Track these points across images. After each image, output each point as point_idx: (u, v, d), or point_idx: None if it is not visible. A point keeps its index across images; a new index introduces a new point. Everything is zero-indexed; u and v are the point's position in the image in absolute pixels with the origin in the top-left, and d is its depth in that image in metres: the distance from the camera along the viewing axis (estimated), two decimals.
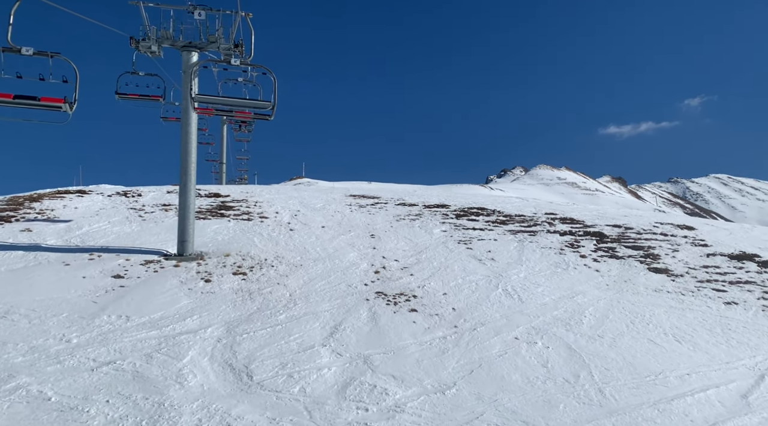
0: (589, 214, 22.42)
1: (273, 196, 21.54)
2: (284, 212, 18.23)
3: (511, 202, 25.39)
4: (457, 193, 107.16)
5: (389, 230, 16.73)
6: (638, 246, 16.63)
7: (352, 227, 16.83)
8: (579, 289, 12.37)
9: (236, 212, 17.62)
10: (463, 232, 17.07)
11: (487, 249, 15.22)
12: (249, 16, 11.43)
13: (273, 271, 12.07)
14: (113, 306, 9.48)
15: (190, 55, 12.24)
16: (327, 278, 11.87)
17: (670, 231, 19.54)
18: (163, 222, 15.77)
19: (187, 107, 12.36)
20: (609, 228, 19.09)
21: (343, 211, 19.27)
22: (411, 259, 13.89)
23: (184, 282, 10.97)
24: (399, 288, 11.61)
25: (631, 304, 11.59)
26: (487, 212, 20.66)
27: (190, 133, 12.40)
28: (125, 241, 13.54)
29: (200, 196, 20.39)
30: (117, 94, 13.57)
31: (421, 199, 23.47)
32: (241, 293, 10.67)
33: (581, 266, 14.22)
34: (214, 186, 25.85)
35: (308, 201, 20.98)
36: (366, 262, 13.25)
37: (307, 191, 24.33)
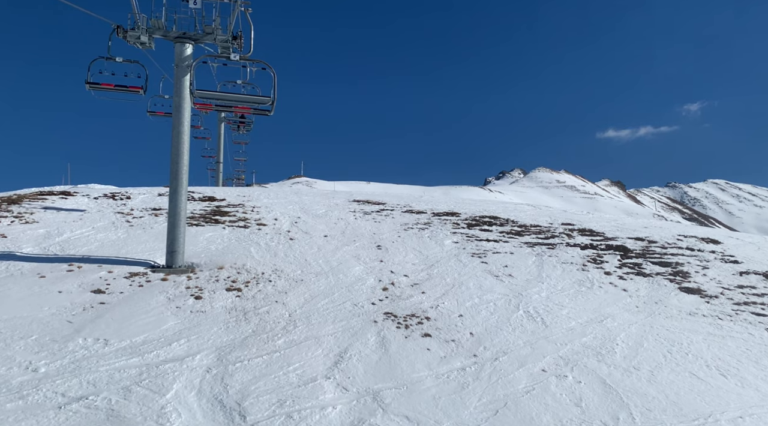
0: (608, 225, 21.60)
1: (272, 200, 20.71)
2: (284, 219, 17.41)
3: (524, 210, 24.56)
4: (459, 196, 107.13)
5: (397, 241, 15.90)
6: (665, 262, 15.80)
7: (357, 237, 16.00)
8: (607, 312, 11.54)
9: (232, 218, 16.79)
10: (477, 243, 16.24)
11: (503, 263, 14.38)
12: (248, 11, 10.91)
13: (271, 287, 11.24)
14: (90, 327, 8.65)
15: (183, 47, 11.44)
16: (330, 296, 11.04)
17: (695, 245, 18.71)
18: (152, 228, 14.94)
19: (179, 105, 11.56)
20: (632, 241, 18.26)
21: (346, 218, 18.45)
22: (422, 274, 13.06)
23: (171, 299, 10.14)
24: (410, 308, 10.78)
25: (665, 330, 10.77)
26: (501, 222, 19.84)
27: (183, 133, 11.59)
28: (109, 250, 12.71)
29: (193, 199, 19.58)
30: (87, 83, 12.59)
31: (428, 206, 22.65)
32: (235, 313, 9.84)
33: (607, 285, 13.39)
34: (209, 188, 25.03)
35: (309, 206, 20.17)
36: (373, 278, 12.42)
37: (308, 195, 23.50)
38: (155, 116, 21.05)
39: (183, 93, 11.55)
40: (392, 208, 21.24)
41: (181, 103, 11.53)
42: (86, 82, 12.56)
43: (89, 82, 12.58)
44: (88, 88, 12.66)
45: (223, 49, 12.05)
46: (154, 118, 21.01)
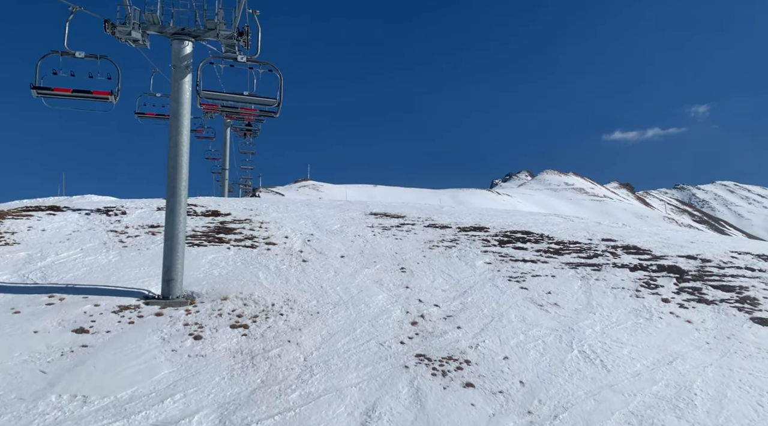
0: (651, 240, 20.17)
1: (281, 214, 19.52)
2: (295, 236, 16.19)
3: (556, 223, 23.17)
4: (467, 200, 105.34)
5: (422, 261, 14.61)
6: (727, 286, 14.36)
7: (378, 257, 14.73)
8: (674, 350, 10.16)
9: (238, 236, 15.60)
10: (512, 264, 14.90)
11: (545, 289, 13.04)
12: (257, 12, 9.96)
13: (282, 322, 10.00)
14: (68, 379, 7.44)
15: (182, 44, 10.29)
16: (352, 333, 9.77)
17: (754, 264, 17.23)
18: (147, 249, 13.78)
19: (177, 111, 10.40)
20: (683, 260, 16.82)
21: (364, 234, 17.20)
22: (454, 303, 11.76)
23: (166, 339, 8.92)
24: (445, 348, 9.47)
25: (748, 375, 9.37)
26: (535, 238, 18.48)
27: (181, 144, 10.42)
28: (98, 277, 11.54)
29: (195, 214, 18.43)
30: (34, 88, 10.21)
31: (452, 219, 21.34)
32: (241, 357, 8.60)
33: (667, 315, 11.99)
34: (213, 199, 23.91)
35: (323, 221, 18.95)
36: (399, 308, 11.14)
37: (321, 208, 22.29)
38: (144, 118, 19.59)
39: (182, 97, 10.38)
40: (413, 222, 19.96)
41: (180, 109, 10.36)
42: (32, 86, 10.17)
43: (36, 87, 10.21)
44: (36, 94, 10.29)
45: (227, 47, 10.90)
46: (144, 120, 19.53)
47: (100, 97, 10.60)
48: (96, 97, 10.59)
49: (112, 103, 10.81)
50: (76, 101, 10.62)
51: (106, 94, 10.60)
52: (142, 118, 20.03)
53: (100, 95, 10.57)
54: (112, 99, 10.74)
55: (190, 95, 10.46)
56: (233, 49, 10.93)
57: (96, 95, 10.55)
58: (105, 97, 10.61)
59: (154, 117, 20.05)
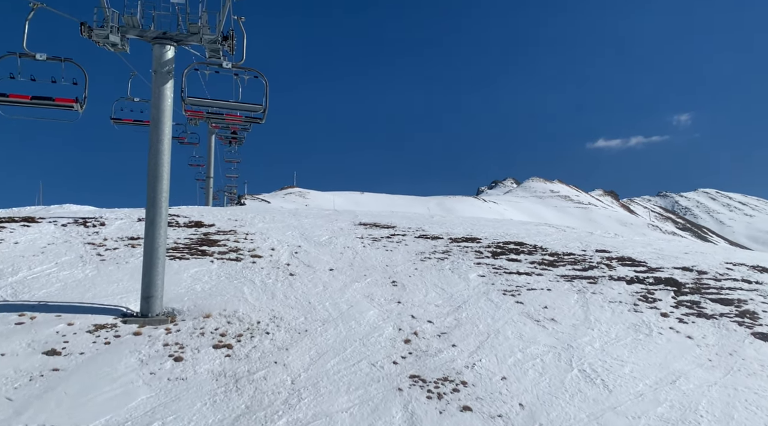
0: (645, 251, 20.01)
1: (268, 225, 19.07)
2: (282, 248, 15.75)
3: (549, 234, 22.98)
4: (454, 207, 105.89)
5: (414, 274, 14.26)
6: (726, 299, 14.18)
7: (368, 270, 14.36)
8: (677, 368, 9.90)
9: (222, 249, 15.13)
10: (506, 277, 14.61)
11: (542, 304, 12.75)
12: (242, 19, 9.71)
13: (268, 341, 9.57)
14: (36, 406, 6.97)
15: (164, 49, 9.89)
16: (342, 353, 9.37)
17: (750, 276, 17.12)
18: (127, 263, 13.27)
19: (158, 118, 9.99)
20: (679, 272, 16.65)
21: (354, 246, 16.81)
22: (448, 318, 11.41)
23: (145, 361, 8.46)
24: (440, 368, 9.11)
25: (754, 394, 9.13)
26: (528, 249, 18.23)
27: (162, 153, 10.00)
28: (73, 293, 11.03)
29: (177, 225, 17.91)
30: None
31: (443, 230, 21.04)
32: (224, 380, 8.17)
33: (667, 330, 11.75)
34: (196, 209, 23.39)
35: (310, 232, 18.53)
36: (391, 325, 10.77)
37: (309, 218, 21.86)
38: (121, 125, 18.76)
39: (163, 104, 9.98)
40: (404, 233, 19.62)
41: (160, 116, 9.95)
42: None
43: None
44: None
45: (210, 52, 10.55)
46: (120, 127, 18.70)
47: (64, 105, 9.61)
48: (59, 105, 9.61)
49: (77, 111, 9.82)
50: (36, 110, 9.63)
51: (71, 102, 9.62)
52: (119, 125, 19.18)
53: (63, 103, 9.58)
54: (78, 107, 9.73)
55: (172, 102, 10.05)
56: (217, 54, 10.57)
57: (59, 103, 9.57)
58: (69, 104, 9.62)
59: (132, 123, 19.25)
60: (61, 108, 9.79)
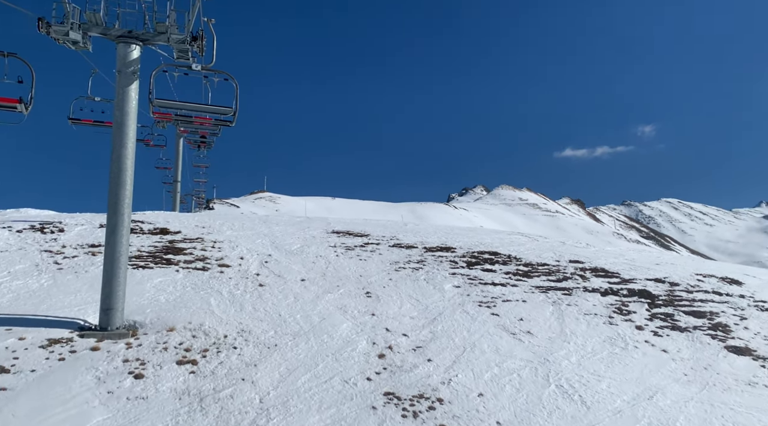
0: (618, 262, 20.22)
1: (236, 232, 18.59)
2: (251, 257, 15.33)
3: (522, 243, 23.05)
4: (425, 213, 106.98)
5: (388, 285, 14.02)
6: (698, 312, 14.34)
7: (341, 280, 14.05)
8: (654, 383, 9.88)
9: (188, 258, 14.63)
10: (482, 288, 14.49)
11: (517, 316, 12.65)
12: (212, 21, 9.45)
13: (236, 357, 9.20)
14: None
15: (129, 48, 9.47)
16: (313, 369, 9.06)
17: (720, 288, 17.43)
18: (86, 272, 12.69)
19: (122, 121, 9.55)
20: (652, 284, 16.83)
21: (326, 255, 16.49)
22: (424, 331, 11.20)
23: (102, 379, 8.00)
24: (416, 385, 8.88)
25: (730, 410, 9.16)
26: (503, 259, 18.19)
27: (126, 157, 9.55)
28: (26, 305, 10.44)
29: (142, 232, 17.31)
30: None
31: (418, 238, 20.89)
32: (188, 398, 7.77)
33: (643, 344, 11.78)
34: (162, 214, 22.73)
35: (281, 240, 18.13)
36: (365, 339, 10.49)
37: (279, 225, 21.44)
38: (80, 125, 17.81)
39: (127, 106, 9.54)
40: (378, 241, 19.38)
41: (125, 119, 9.51)
42: None
43: None
44: None
45: (179, 52, 10.16)
46: (79, 127, 17.74)
47: (6, 106, 8.81)
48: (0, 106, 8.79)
49: (22, 113, 8.97)
50: None
51: (14, 102, 8.80)
52: (78, 125, 18.21)
53: (5, 103, 8.78)
54: (23, 108, 8.91)
55: (137, 104, 9.64)
56: (186, 54, 10.20)
57: (0, 103, 8.76)
58: (12, 105, 8.79)
59: (92, 124, 18.35)
60: (3, 109, 9.04)
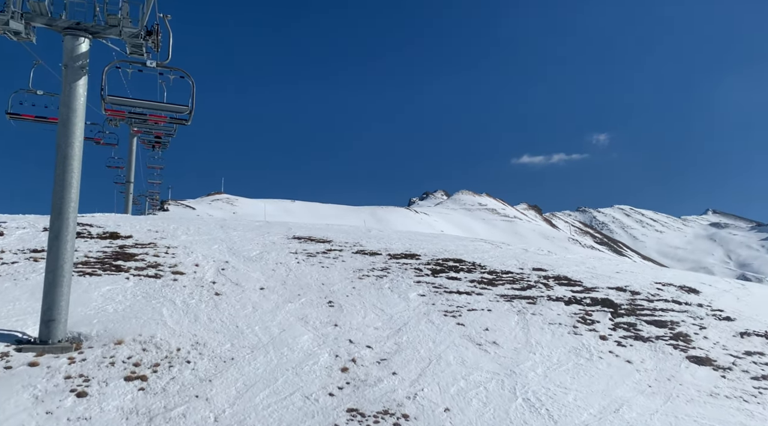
0: (579, 270, 20.47)
1: (192, 237, 17.93)
2: (207, 264, 14.75)
3: (486, 250, 23.11)
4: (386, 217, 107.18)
5: (352, 294, 13.70)
6: (660, 321, 14.57)
7: (302, 289, 13.66)
8: (619, 395, 9.89)
9: (139, 264, 13.95)
10: (447, 297, 14.35)
11: (483, 325, 12.54)
12: (167, 17, 9.05)
13: (189, 372, 8.71)
14: None
15: (77, 41, 8.89)
16: (272, 384, 8.66)
17: (679, 297, 17.83)
18: (27, 280, 11.91)
19: (68, 118, 8.96)
20: (614, 292, 17.06)
21: (287, 262, 16.04)
22: (388, 343, 10.93)
23: (40, 398, 7.42)
24: (380, 400, 8.59)
25: (693, 422, 9.24)
26: (467, 266, 18.13)
27: (72, 158, 8.95)
28: None
29: (90, 236, 16.47)
30: None
31: (381, 245, 20.65)
32: (136, 418, 7.27)
33: (607, 354, 11.83)
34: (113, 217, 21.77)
35: (239, 246, 17.58)
36: (327, 351, 10.15)
37: (238, 230, 20.83)
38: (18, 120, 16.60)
39: (74, 103, 8.95)
40: (341, 248, 19.03)
41: (71, 116, 8.92)
42: None
43: None
44: None
45: (132, 47, 9.65)
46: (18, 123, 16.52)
47: None
48: None
49: None
50: None
51: None
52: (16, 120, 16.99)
53: None
54: None
55: (85, 101, 9.06)
56: (140, 50, 9.69)
57: None
58: None
59: (33, 120, 17.20)
60: None
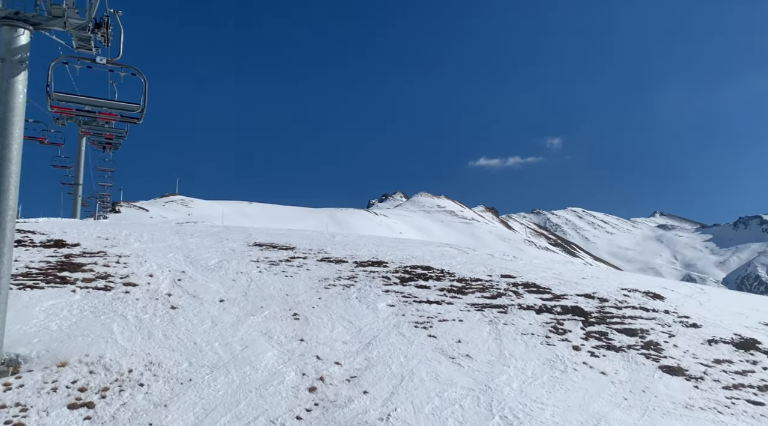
0: (547, 277, 20.51)
1: (145, 245, 17.03)
2: (162, 274, 13.96)
3: (453, 256, 22.92)
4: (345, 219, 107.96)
5: (318, 305, 13.18)
6: (630, 329, 14.60)
7: (265, 300, 13.05)
8: (596, 410, 9.72)
9: (87, 275, 13.05)
10: (416, 307, 13.99)
11: (455, 337, 12.23)
12: (119, 13, 8.94)
13: (142, 397, 8.04)
14: None
15: (15, 33, 8.11)
16: (234, 408, 8.08)
17: (646, 303, 18.02)
18: None
19: (5, 117, 8.17)
20: (583, 300, 17.08)
21: (248, 271, 15.38)
22: (358, 358, 10.47)
23: None
24: (351, 422, 8.13)
25: None
26: (436, 274, 17.84)
27: (9, 161, 8.15)
28: None
29: (32, 244, 15.40)
30: None
31: (347, 252, 20.16)
32: None
33: (581, 366, 11.69)
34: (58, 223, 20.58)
35: (197, 254, 16.79)
36: (293, 369, 9.61)
37: (195, 237, 19.98)
38: None
39: (13, 100, 8.17)
40: (305, 255, 18.46)
41: (9, 115, 8.12)
42: None
43: None
44: None
45: (79, 41, 8.99)
46: None
47: None
48: None
49: None
50: None
51: None
52: None
53: None
54: None
55: (25, 98, 8.30)
56: (88, 44, 9.04)
57: None
58: None
59: None
60: None
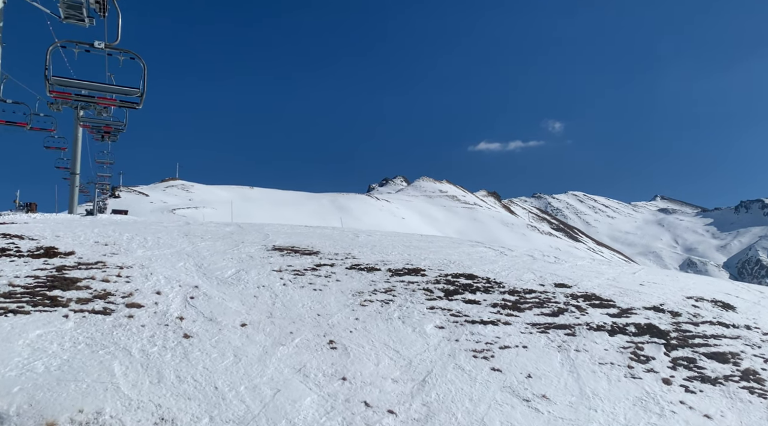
0: (602, 284, 18.69)
1: (151, 251, 15.29)
2: (171, 291, 12.21)
3: (494, 260, 21.10)
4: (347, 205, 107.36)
5: (356, 328, 11.43)
6: (718, 354, 12.81)
7: (294, 322, 11.30)
8: None
9: (83, 294, 11.31)
10: (470, 329, 12.22)
11: (524, 370, 10.47)
12: None
13: None
14: None
15: None
16: None
17: (721, 316, 16.23)
18: None
19: None
20: (653, 314, 15.28)
21: (271, 284, 13.62)
22: (414, 404, 8.72)
23: None
24: None
25: None
26: (483, 284, 16.04)
27: None
28: None
29: (18, 253, 13.63)
30: None
31: (377, 257, 18.39)
32: None
33: (680, 407, 9.90)
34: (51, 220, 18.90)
35: (210, 262, 15.06)
36: (338, 422, 7.89)
37: (206, 240, 18.23)
38: None
39: None
40: (331, 261, 16.71)
41: None
42: None
43: None
44: None
45: (68, 9, 7.32)
46: None
47: None
48: None
49: None
50: None
51: None
52: None
53: None
54: None
55: None
56: (79, 11, 7.40)
57: None
58: None
59: None
60: None
